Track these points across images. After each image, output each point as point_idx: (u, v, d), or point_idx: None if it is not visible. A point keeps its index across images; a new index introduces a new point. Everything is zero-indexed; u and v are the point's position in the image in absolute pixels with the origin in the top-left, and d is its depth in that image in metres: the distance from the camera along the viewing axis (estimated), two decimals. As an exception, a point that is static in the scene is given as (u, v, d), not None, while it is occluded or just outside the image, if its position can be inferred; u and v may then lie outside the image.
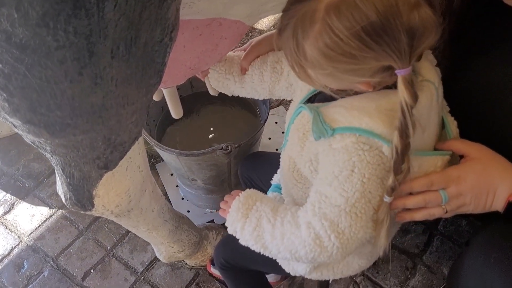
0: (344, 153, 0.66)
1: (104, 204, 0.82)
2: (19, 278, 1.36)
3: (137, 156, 0.79)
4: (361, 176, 0.65)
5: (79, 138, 0.64)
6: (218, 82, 1.00)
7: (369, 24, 0.56)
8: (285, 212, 0.73)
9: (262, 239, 0.73)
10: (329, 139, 0.67)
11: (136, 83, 0.60)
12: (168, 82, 0.96)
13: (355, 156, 0.65)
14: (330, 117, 0.68)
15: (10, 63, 0.48)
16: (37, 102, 0.54)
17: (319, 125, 0.68)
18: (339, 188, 0.67)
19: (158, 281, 1.34)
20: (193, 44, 0.82)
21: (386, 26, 0.56)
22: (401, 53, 0.58)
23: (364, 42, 0.57)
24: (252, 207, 0.76)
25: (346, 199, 0.66)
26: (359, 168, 0.65)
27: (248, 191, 0.79)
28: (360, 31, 0.56)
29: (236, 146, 1.10)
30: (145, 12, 0.51)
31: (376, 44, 0.57)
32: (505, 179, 0.67)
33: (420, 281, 1.29)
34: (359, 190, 0.66)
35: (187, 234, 1.20)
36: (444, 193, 0.68)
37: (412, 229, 1.39)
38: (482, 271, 0.73)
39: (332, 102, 0.71)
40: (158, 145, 1.14)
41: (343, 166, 0.66)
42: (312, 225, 0.68)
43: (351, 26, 0.56)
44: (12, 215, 1.51)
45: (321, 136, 0.68)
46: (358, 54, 0.58)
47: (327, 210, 0.67)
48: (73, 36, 0.47)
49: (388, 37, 0.57)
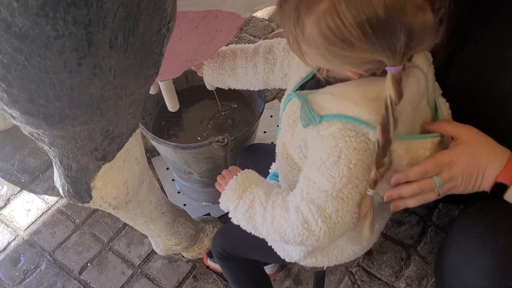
0: (331, 140, 0.67)
1: (102, 196, 0.82)
2: (16, 273, 1.36)
3: (134, 148, 0.80)
4: (348, 162, 0.67)
5: (78, 129, 0.64)
6: (213, 78, 1.01)
7: (375, 17, 0.56)
8: (277, 196, 0.75)
9: (253, 220, 0.75)
10: (317, 126, 0.68)
11: (134, 74, 0.61)
12: (165, 75, 0.97)
13: (342, 143, 0.66)
14: (317, 104, 0.69)
15: (9, 53, 0.48)
16: (36, 93, 0.54)
17: (307, 113, 0.69)
18: (327, 174, 0.68)
19: (155, 274, 1.34)
20: (189, 37, 0.83)
21: (390, 22, 0.57)
22: (396, 51, 0.59)
23: (365, 33, 0.57)
24: (247, 189, 0.77)
25: (333, 184, 0.68)
26: (346, 154, 0.66)
27: (246, 171, 0.81)
28: (365, 22, 0.57)
29: (232, 138, 1.10)
30: (143, 2, 0.51)
31: (375, 38, 0.58)
32: (494, 161, 0.69)
33: (415, 271, 1.31)
34: (345, 175, 0.67)
35: (184, 226, 1.20)
36: (438, 179, 0.70)
37: (406, 220, 1.41)
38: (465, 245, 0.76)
39: (320, 89, 0.72)
40: (154, 138, 1.15)
41: (330, 152, 0.67)
42: (300, 209, 0.70)
43: (357, 14, 0.57)
44: (8, 210, 1.51)
45: (309, 123, 0.69)
46: (356, 43, 0.59)
47: (314, 195, 0.69)
48: (72, 26, 0.47)
49: (389, 33, 0.57)
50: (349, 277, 1.30)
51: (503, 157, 0.69)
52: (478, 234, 0.74)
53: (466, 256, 0.75)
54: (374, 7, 0.56)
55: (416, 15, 0.58)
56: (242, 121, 1.37)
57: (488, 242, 0.73)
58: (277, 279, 1.31)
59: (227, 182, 0.80)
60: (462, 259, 0.75)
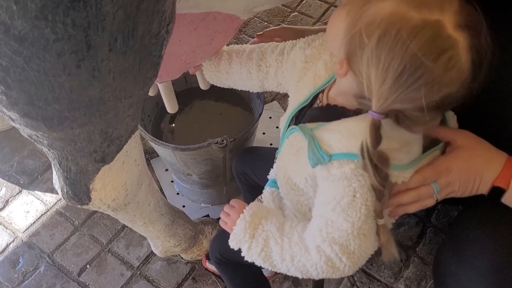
0: (343, 180, 0.66)
1: (101, 198, 0.82)
2: (14, 275, 1.36)
3: (133, 149, 0.80)
4: (364, 200, 0.65)
5: (77, 131, 0.64)
6: (212, 79, 1.01)
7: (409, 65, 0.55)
8: (292, 232, 0.72)
9: (270, 258, 0.73)
10: (326, 165, 0.67)
11: (133, 76, 0.61)
12: (164, 77, 0.97)
13: (355, 182, 0.65)
14: (325, 142, 0.67)
15: (8, 55, 0.48)
16: (35, 95, 0.54)
17: (315, 152, 0.67)
18: (343, 214, 0.66)
19: (154, 276, 1.34)
20: (188, 38, 0.83)
21: (414, 79, 0.55)
22: (386, 101, 0.58)
23: (397, 70, 0.56)
24: (258, 226, 0.75)
25: (352, 223, 0.66)
26: (361, 193, 0.65)
27: (252, 207, 0.78)
28: (407, 61, 0.55)
29: (231, 140, 1.10)
30: (143, 5, 0.51)
31: (396, 76, 0.56)
32: (491, 165, 0.70)
33: (414, 272, 1.31)
34: (364, 214, 0.66)
35: (183, 228, 1.20)
36: (436, 185, 0.70)
37: (405, 221, 1.41)
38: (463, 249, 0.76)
39: (325, 125, 0.70)
40: (153, 139, 1.15)
41: (344, 193, 0.66)
42: (321, 249, 0.68)
43: (406, 51, 0.55)
44: (7, 211, 1.51)
45: (317, 163, 0.67)
46: (378, 55, 0.57)
47: (335, 234, 0.67)
48: (72, 29, 0.47)
49: (406, 85, 0.56)
50: (348, 279, 1.30)
51: (499, 161, 0.69)
52: (476, 238, 0.74)
53: (464, 259, 0.75)
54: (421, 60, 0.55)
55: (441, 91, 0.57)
56: (241, 122, 1.37)
57: (486, 245, 0.73)
58: (276, 280, 1.31)
59: (234, 220, 0.77)
60: (460, 262, 0.76)
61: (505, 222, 0.73)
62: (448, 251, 0.81)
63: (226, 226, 0.80)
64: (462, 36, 0.55)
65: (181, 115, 1.39)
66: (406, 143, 0.67)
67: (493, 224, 0.74)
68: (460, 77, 0.57)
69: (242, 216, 0.76)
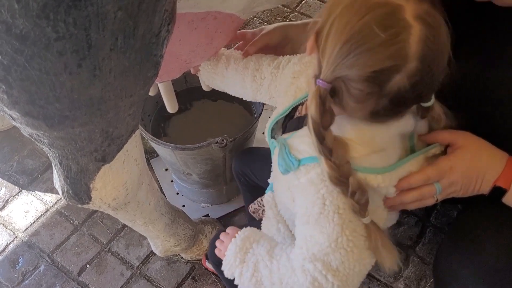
0: (310, 186, 0.63)
1: (102, 197, 0.82)
2: (14, 274, 1.36)
3: (134, 149, 0.80)
4: (335, 208, 0.62)
5: (77, 130, 0.64)
6: (208, 81, 1.01)
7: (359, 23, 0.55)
8: (281, 254, 0.69)
9: (261, 285, 0.70)
10: (295, 173, 0.65)
11: (134, 76, 0.61)
12: (164, 76, 0.97)
13: (323, 188, 0.62)
14: (295, 148, 0.66)
15: (9, 54, 0.48)
16: (36, 94, 0.54)
17: (285, 158, 0.65)
18: (317, 226, 0.63)
19: (154, 275, 1.34)
20: (188, 38, 0.83)
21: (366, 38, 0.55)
22: (334, 67, 0.57)
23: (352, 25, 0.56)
24: (249, 251, 0.72)
25: (328, 236, 0.62)
26: (331, 200, 0.62)
27: (244, 232, 0.76)
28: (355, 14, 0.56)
29: (231, 140, 1.10)
30: (144, 4, 0.51)
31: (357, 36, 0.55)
32: (493, 164, 0.70)
33: (413, 272, 1.31)
34: (337, 223, 0.62)
35: (183, 228, 1.20)
36: (438, 185, 0.70)
37: (404, 221, 1.41)
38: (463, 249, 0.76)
39: (298, 131, 0.69)
40: (153, 139, 1.15)
41: (313, 201, 0.63)
42: (305, 268, 0.64)
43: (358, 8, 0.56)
44: (7, 211, 1.51)
45: (287, 169, 0.65)
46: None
47: (314, 250, 0.63)
48: (73, 28, 0.47)
49: (358, 44, 0.55)
50: (348, 278, 1.31)
51: (501, 161, 0.69)
52: (476, 238, 0.74)
53: (464, 259, 0.75)
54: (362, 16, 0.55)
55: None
56: (241, 122, 1.37)
57: (486, 245, 0.73)
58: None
59: (226, 246, 0.75)
60: (461, 262, 0.76)
61: (505, 222, 0.74)
62: (448, 251, 0.81)
63: (220, 253, 0.78)
64: (418, 26, 0.54)
65: (181, 115, 1.39)
66: (378, 147, 0.64)
67: (493, 224, 0.75)
68: (401, 56, 0.54)
69: (233, 241, 0.74)
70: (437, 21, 0.56)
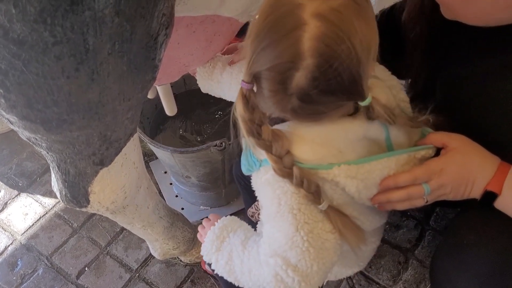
0: (267, 186, 0.64)
1: (100, 201, 0.82)
2: (13, 277, 1.36)
3: (132, 152, 0.80)
4: (290, 208, 0.63)
5: (75, 134, 0.64)
6: (204, 86, 1.01)
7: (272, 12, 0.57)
8: (253, 245, 0.71)
9: (234, 273, 0.73)
10: (257, 173, 0.66)
11: (132, 79, 0.61)
12: (163, 79, 0.97)
13: (278, 189, 0.63)
14: (257, 149, 0.66)
15: (7, 58, 0.48)
16: (34, 98, 0.54)
17: (248, 158, 0.67)
18: (275, 224, 0.65)
19: (153, 278, 1.34)
20: (187, 41, 0.83)
21: (273, 31, 0.57)
22: (248, 66, 0.59)
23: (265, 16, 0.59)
24: (225, 239, 0.75)
25: (284, 234, 0.64)
26: (285, 200, 0.63)
27: (224, 220, 0.78)
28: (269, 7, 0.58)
29: (230, 143, 1.10)
30: (141, 8, 0.51)
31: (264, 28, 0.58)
32: (484, 169, 0.69)
33: (413, 275, 1.31)
34: (292, 223, 0.63)
35: (182, 231, 1.20)
36: (427, 186, 0.70)
37: (404, 224, 1.41)
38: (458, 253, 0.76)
39: None
40: (152, 142, 1.15)
41: (270, 201, 0.65)
42: (269, 262, 0.66)
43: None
44: (6, 214, 1.51)
45: (250, 169, 0.66)
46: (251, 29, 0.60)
47: (275, 246, 0.66)
48: (70, 32, 0.47)
49: (268, 43, 0.57)
50: (347, 281, 1.30)
51: (492, 165, 0.69)
52: (471, 242, 0.74)
53: (459, 263, 0.75)
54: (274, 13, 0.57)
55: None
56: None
57: (481, 250, 0.73)
58: None
59: (206, 232, 0.77)
60: (456, 267, 0.76)
61: (499, 226, 0.73)
62: (443, 255, 0.81)
63: (200, 238, 0.81)
64: (314, 23, 0.54)
65: (180, 118, 1.39)
66: (329, 145, 0.65)
67: (488, 229, 0.74)
68: (294, 53, 0.55)
69: (212, 229, 0.77)
70: (344, 18, 0.55)
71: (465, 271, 0.74)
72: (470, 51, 0.80)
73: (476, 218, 0.77)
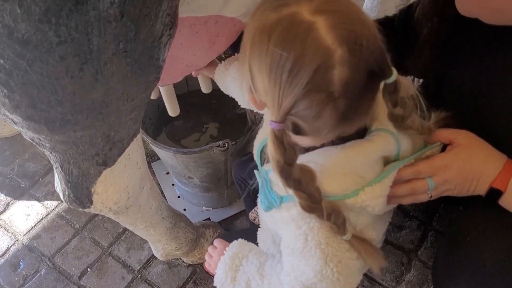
0: (291, 223, 0.64)
1: (103, 201, 0.82)
2: (15, 278, 1.36)
3: (135, 153, 0.80)
4: (317, 243, 0.62)
5: (79, 134, 0.64)
6: (220, 80, 1.00)
7: (285, 60, 0.53)
8: (271, 273, 0.71)
9: None
10: (279, 209, 0.65)
11: (135, 80, 0.61)
12: (165, 80, 0.97)
13: (304, 225, 0.63)
14: (276, 183, 0.65)
15: (11, 58, 0.48)
16: (38, 98, 0.54)
17: (267, 195, 0.65)
18: (302, 258, 0.64)
19: (155, 279, 1.34)
20: (190, 42, 0.83)
21: (293, 74, 0.53)
22: (281, 105, 0.54)
23: (274, 66, 0.54)
24: (239, 268, 0.74)
25: (312, 268, 0.64)
26: (312, 236, 0.62)
27: (233, 248, 0.76)
28: (278, 58, 0.53)
29: (233, 143, 1.10)
30: (145, 9, 0.51)
31: (278, 75, 0.54)
32: (489, 165, 0.69)
33: (416, 276, 1.30)
34: (320, 258, 0.63)
35: (184, 231, 1.20)
36: (431, 181, 0.70)
37: (406, 225, 1.41)
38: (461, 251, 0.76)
39: None
40: (154, 143, 1.14)
41: (295, 237, 0.64)
42: None
43: (279, 51, 0.53)
44: (8, 214, 1.51)
45: (270, 207, 0.65)
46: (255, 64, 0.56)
47: (302, 278, 0.65)
48: (75, 32, 0.47)
49: (288, 84, 0.53)
50: (349, 282, 1.30)
51: (498, 163, 0.69)
52: (473, 241, 0.74)
53: (462, 263, 0.75)
54: (296, 52, 0.52)
55: (317, 93, 0.53)
56: (242, 125, 1.37)
57: (483, 248, 0.73)
58: None
59: (216, 262, 0.76)
60: (458, 266, 0.75)
61: (502, 225, 0.73)
62: (446, 255, 0.80)
63: (210, 268, 0.79)
64: (320, 18, 0.52)
65: (182, 118, 1.39)
66: (352, 172, 0.64)
67: (491, 227, 0.74)
68: (322, 53, 0.52)
69: (222, 259, 0.75)
70: (341, 3, 0.55)
71: (467, 270, 0.74)
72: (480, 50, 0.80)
73: (479, 217, 0.77)
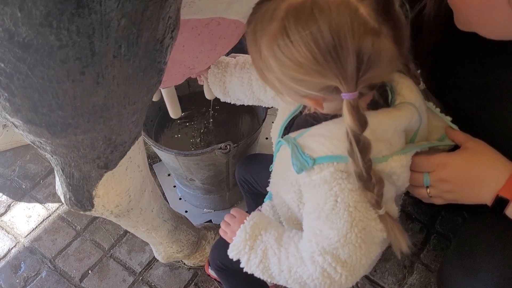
0: (323, 184, 0.64)
1: (104, 204, 0.81)
2: (16, 280, 1.36)
3: (137, 156, 0.79)
4: (346, 205, 0.63)
5: (80, 138, 0.64)
6: (214, 82, 1.00)
7: (321, 37, 0.55)
8: (289, 242, 0.72)
9: (268, 270, 0.72)
10: (309, 172, 0.65)
11: (137, 83, 0.60)
12: (167, 82, 0.96)
13: (336, 186, 0.63)
14: (308, 147, 0.66)
15: (12, 62, 0.47)
16: (39, 102, 0.54)
17: (299, 157, 0.66)
18: (328, 221, 0.65)
19: (157, 282, 1.33)
20: (192, 44, 0.83)
21: (336, 43, 0.55)
22: (347, 75, 0.56)
23: (312, 52, 0.56)
24: (257, 237, 0.74)
25: (337, 231, 0.64)
26: (342, 197, 0.63)
27: (253, 218, 0.77)
28: (311, 41, 0.55)
29: (234, 145, 1.10)
30: (147, 11, 0.51)
31: (323, 59, 0.56)
32: (495, 171, 0.68)
33: (418, 279, 1.30)
34: (347, 220, 0.64)
35: (186, 234, 1.19)
36: (426, 176, 0.71)
37: (409, 227, 1.40)
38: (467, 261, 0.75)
39: (308, 130, 0.69)
40: (156, 145, 1.14)
41: (326, 198, 0.64)
42: (315, 259, 0.67)
43: (304, 33, 0.55)
44: (9, 216, 1.50)
45: (302, 168, 0.65)
46: (305, 64, 0.57)
47: (324, 243, 0.66)
48: (76, 35, 0.47)
49: (337, 55, 0.55)
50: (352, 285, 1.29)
51: (505, 170, 0.68)
52: (482, 251, 0.73)
53: (468, 272, 0.74)
54: (319, 26, 0.54)
55: (365, 37, 0.55)
56: (244, 127, 1.37)
57: (491, 259, 0.72)
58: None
59: (234, 231, 0.76)
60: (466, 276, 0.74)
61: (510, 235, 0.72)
62: (453, 263, 0.79)
63: (226, 236, 0.80)
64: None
65: (184, 120, 1.39)
66: (383, 137, 0.65)
67: (498, 237, 0.73)
68: (340, 5, 0.55)
69: (242, 227, 0.75)
70: None
71: (475, 280, 0.73)
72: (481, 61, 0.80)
73: (486, 225, 0.76)
